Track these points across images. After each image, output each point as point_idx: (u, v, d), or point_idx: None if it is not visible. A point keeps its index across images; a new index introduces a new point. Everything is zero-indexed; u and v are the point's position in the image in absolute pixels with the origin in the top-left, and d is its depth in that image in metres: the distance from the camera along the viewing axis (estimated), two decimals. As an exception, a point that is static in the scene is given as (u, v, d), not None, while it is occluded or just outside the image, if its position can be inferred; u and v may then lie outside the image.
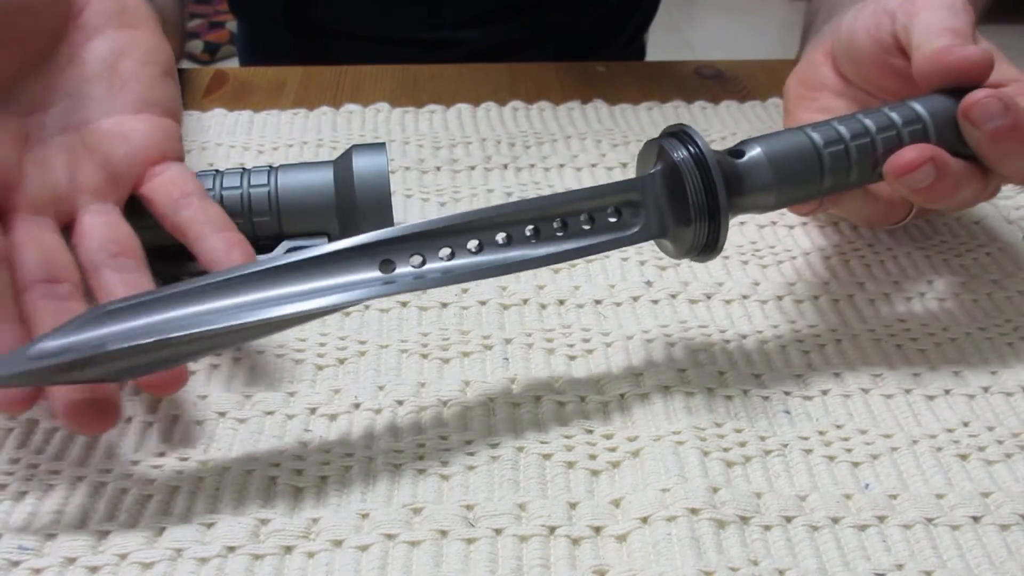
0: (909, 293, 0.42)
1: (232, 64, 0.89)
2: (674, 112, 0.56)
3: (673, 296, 0.41)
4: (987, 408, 0.36)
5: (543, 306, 0.40)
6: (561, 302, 0.41)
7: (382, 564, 0.29)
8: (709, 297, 0.41)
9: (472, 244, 0.32)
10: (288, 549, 0.30)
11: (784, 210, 0.47)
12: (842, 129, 0.35)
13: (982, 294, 0.42)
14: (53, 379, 0.28)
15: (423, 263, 0.31)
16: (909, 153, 0.35)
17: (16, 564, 0.29)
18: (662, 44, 1.19)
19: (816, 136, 0.35)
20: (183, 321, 0.29)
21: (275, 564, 0.29)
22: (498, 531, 0.30)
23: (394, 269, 0.31)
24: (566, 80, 0.60)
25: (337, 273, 0.31)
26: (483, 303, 0.40)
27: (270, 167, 0.41)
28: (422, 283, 0.31)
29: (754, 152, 0.35)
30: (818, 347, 0.39)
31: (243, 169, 0.41)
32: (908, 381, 0.37)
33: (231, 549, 0.30)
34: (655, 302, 0.41)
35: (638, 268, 0.43)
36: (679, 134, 0.34)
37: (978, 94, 0.35)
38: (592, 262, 0.43)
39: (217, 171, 0.41)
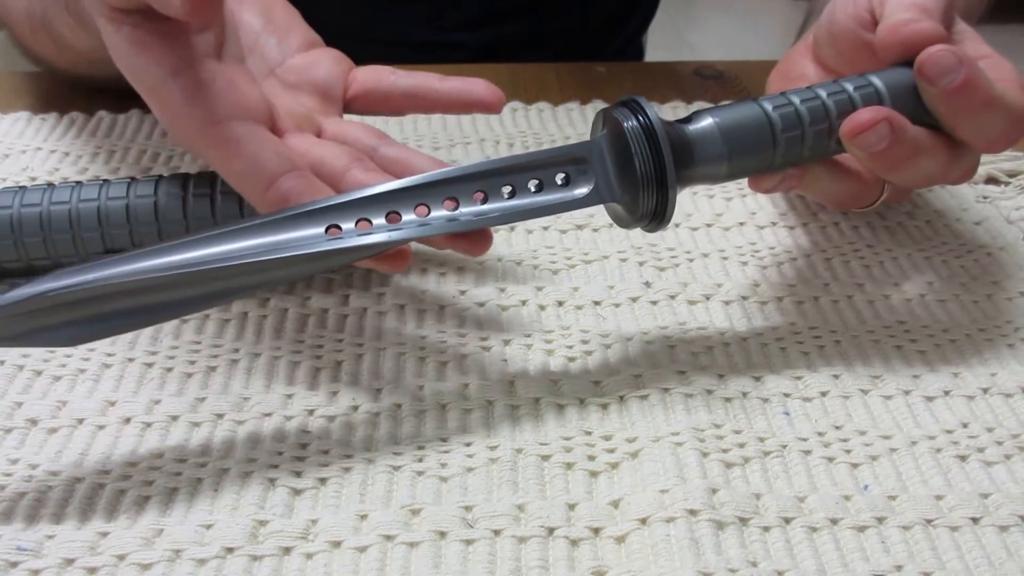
0: (909, 294, 0.42)
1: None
2: (673, 112, 0.56)
3: (672, 297, 0.41)
4: (987, 409, 0.36)
5: (542, 307, 0.40)
6: (560, 303, 0.41)
7: (381, 565, 0.29)
8: (708, 298, 0.41)
9: (421, 209, 0.33)
10: (287, 550, 0.30)
11: (785, 210, 0.47)
12: (793, 97, 0.36)
13: (982, 295, 0.42)
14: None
15: (370, 225, 0.32)
16: (864, 114, 0.35)
17: (14, 565, 0.29)
18: (662, 44, 1.19)
19: (767, 104, 0.35)
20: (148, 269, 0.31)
21: (274, 565, 0.29)
22: (497, 532, 0.30)
23: (341, 230, 0.32)
24: (565, 81, 0.60)
25: (287, 231, 0.32)
26: (481, 304, 0.40)
27: None
28: (367, 240, 0.32)
29: (705, 122, 0.35)
30: (817, 348, 0.39)
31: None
32: (907, 382, 0.37)
33: (229, 550, 0.30)
34: (654, 303, 0.41)
35: (637, 269, 0.43)
36: (630, 103, 0.34)
37: (933, 48, 0.35)
38: (591, 263, 0.43)
39: (187, 176, 0.41)
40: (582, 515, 0.31)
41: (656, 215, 0.34)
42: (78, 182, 0.40)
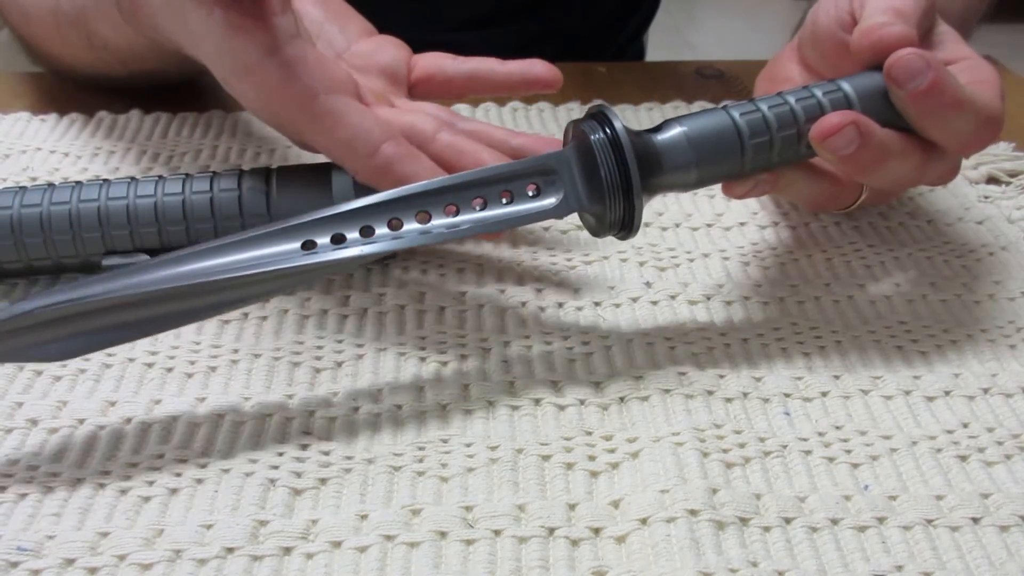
0: (910, 294, 0.42)
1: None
2: (674, 112, 0.56)
3: (672, 297, 0.41)
4: (987, 410, 0.36)
5: (542, 308, 0.40)
6: (560, 304, 0.41)
7: (381, 565, 0.29)
8: (709, 298, 0.41)
9: (394, 223, 0.34)
10: (287, 550, 0.30)
11: (787, 210, 0.47)
12: (761, 104, 0.36)
13: (983, 295, 0.42)
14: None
15: (343, 243, 0.33)
16: (832, 118, 0.35)
17: (15, 565, 0.29)
18: (662, 44, 1.19)
19: (735, 111, 0.36)
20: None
21: (274, 565, 0.29)
22: (497, 532, 0.30)
23: (315, 246, 0.33)
24: (566, 80, 0.60)
25: (261, 247, 0.33)
26: (481, 305, 0.40)
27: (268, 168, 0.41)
28: (341, 255, 0.33)
29: (673, 131, 0.36)
30: (818, 348, 0.39)
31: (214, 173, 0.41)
32: (908, 382, 0.37)
33: (230, 550, 0.30)
34: (654, 303, 0.41)
35: (637, 269, 0.43)
36: (598, 115, 0.35)
37: (901, 52, 0.35)
38: (591, 264, 0.43)
39: (187, 175, 0.41)
40: (583, 515, 0.31)
41: (624, 224, 0.35)
42: (78, 182, 0.40)
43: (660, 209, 0.47)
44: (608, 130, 0.34)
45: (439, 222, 0.34)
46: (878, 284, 0.42)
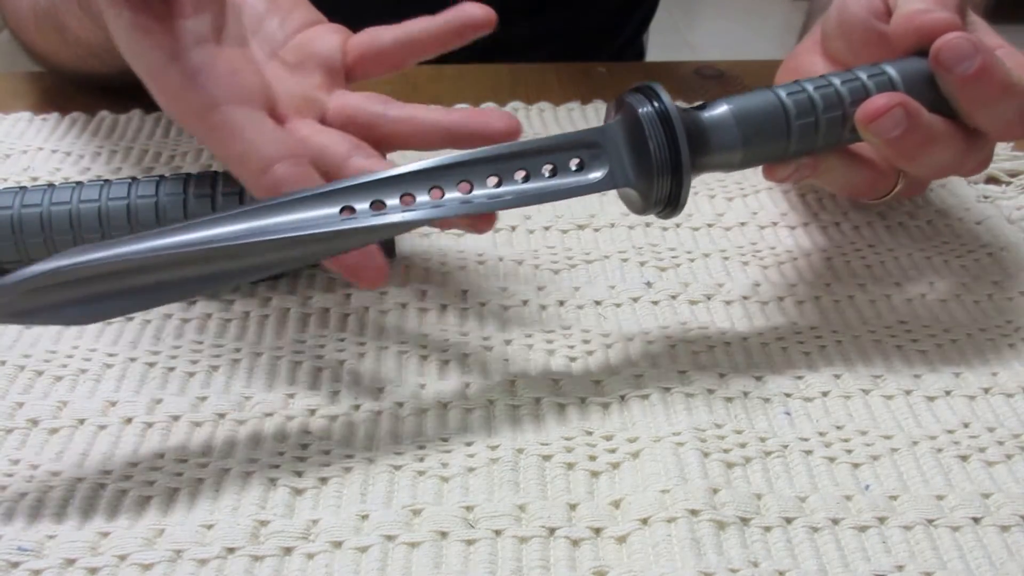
0: (910, 294, 0.42)
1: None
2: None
3: (673, 297, 0.41)
4: (988, 409, 0.36)
5: (543, 307, 0.40)
6: (561, 303, 0.41)
7: (382, 565, 0.29)
8: (709, 298, 0.41)
9: (436, 192, 0.33)
10: (288, 550, 0.30)
11: (786, 210, 0.47)
12: (807, 84, 0.36)
13: (983, 295, 0.42)
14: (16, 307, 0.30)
15: (383, 208, 0.32)
16: (878, 99, 0.35)
17: (15, 565, 0.29)
18: (662, 44, 1.19)
19: (781, 91, 0.35)
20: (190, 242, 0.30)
21: (275, 565, 0.29)
22: (498, 532, 0.30)
23: (354, 212, 0.32)
24: (566, 80, 0.60)
25: (299, 211, 0.32)
26: (483, 304, 0.40)
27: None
28: (381, 221, 0.32)
29: (720, 109, 0.35)
30: (819, 348, 0.39)
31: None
32: (908, 382, 0.37)
33: (230, 550, 0.30)
34: (655, 303, 0.41)
35: (638, 269, 0.43)
36: (644, 89, 0.34)
37: (948, 36, 0.35)
38: (592, 263, 0.43)
39: (188, 176, 0.41)
40: (583, 515, 0.31)
41: (670, 201, 0.34)
42: (79, 182, 0.40)
43: (660, 209, 0.47)
44: (657, 103, 0.34)
45: (481, 192, 0.33)
46: (878, 284, 0.42)
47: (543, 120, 0.55)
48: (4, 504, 0.31)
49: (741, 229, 0.46)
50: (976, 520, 0.31)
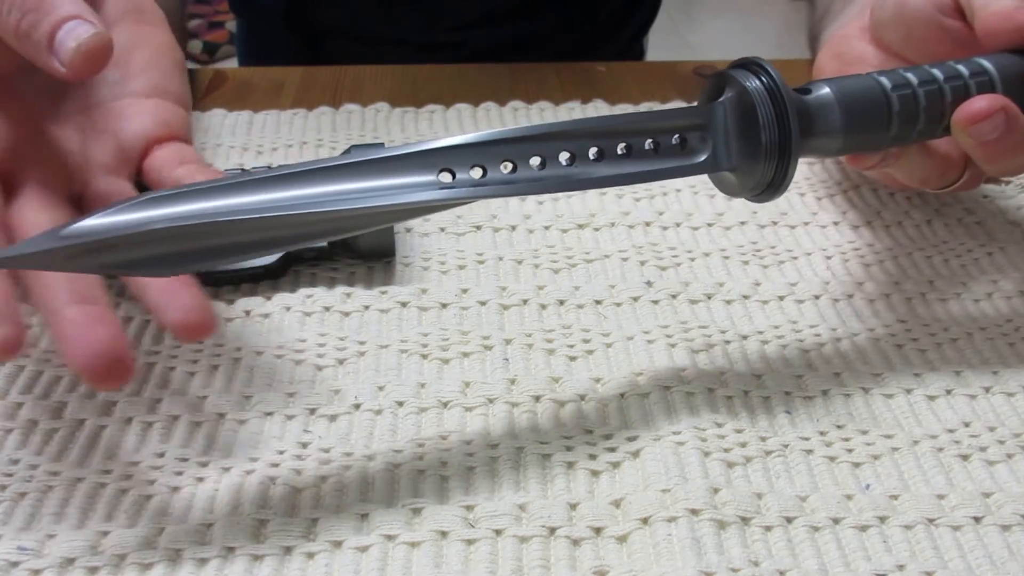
0: (909, 293, 0.42)
1: (231, 64, 0.89)
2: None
3: (673, 296, 0.41)
4: (988, 408, 0.36)
5: (543, 306, 0.40)
6: (561, 302, 0.41)
7: (382, 565, 0.29)
8: (710, 297, 0.41)
9: (535, 161, 0.31)
10: (288, 550, 0.30)
11: (785, 210, 0.47)
12: (910, 76, 0.34)
13: (983, 294, 0.42)
14: (80, 263, 0.27)
15: (484, 174, 0.30)
16: (980, 102, 0.34)
17: (15, 565, 0.29)
18: (662, 45, 1.19)
19: (884, 80, 0.34)
20: (235, 209, 0.28)
21: (275, 565, 0.29)
22: (498, 532, 0.30)
23: (454, 177, 0.30)
24: (566, 80, 0.60)
25: (397, 175, 0.29)
26: (483, 303, 0.40)
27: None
28: (481, 191, 0.30)
29: (823, 91, 0.33)
30: (819, 347, 0.39)
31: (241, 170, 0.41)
32: (909, 381, 0.37)
33: (230, 550, 0.30)
34: (655, 302, 0.41)
35: (638, 268, 0.43)
36: (749, 65, 0.32)
37: None
38: (592, 262, 0.43)
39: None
40: (584, 515, 0.31)
41: (773, 184, 0.33)
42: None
43: (661, 208, 0.47)
44: (765, 80, 0.32)
45: (582, 168, 0.31)
46: (877, 283, 0.42)
47: (543, 120, 0.55)
48: (4, 503, 0.31)
49: (741, 228, 0.46)
50: (977, 519, 0.31)
